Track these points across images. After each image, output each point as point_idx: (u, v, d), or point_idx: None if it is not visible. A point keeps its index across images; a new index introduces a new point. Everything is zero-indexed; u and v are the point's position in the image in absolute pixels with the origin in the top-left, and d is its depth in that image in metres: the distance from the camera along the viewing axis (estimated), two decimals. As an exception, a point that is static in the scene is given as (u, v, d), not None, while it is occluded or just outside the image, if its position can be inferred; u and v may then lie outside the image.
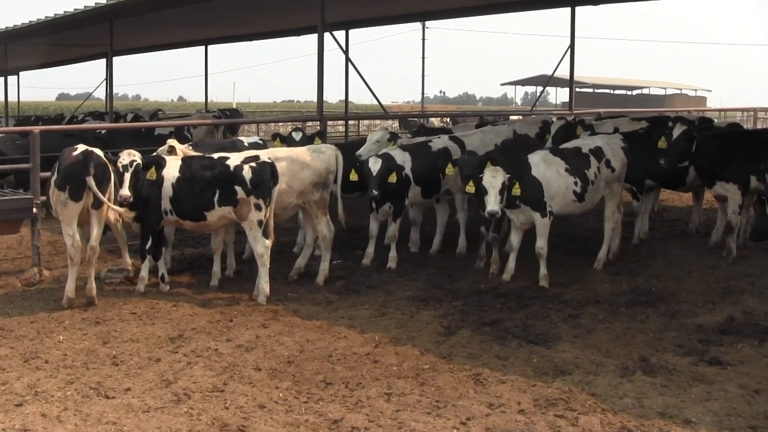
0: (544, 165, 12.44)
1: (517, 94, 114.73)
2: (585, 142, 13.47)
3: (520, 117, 25.32)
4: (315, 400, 7.98)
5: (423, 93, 58.77)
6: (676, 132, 13.41)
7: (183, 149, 13.01)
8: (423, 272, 13.26)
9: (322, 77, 17.95)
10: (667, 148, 13.51)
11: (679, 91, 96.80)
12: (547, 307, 11.15)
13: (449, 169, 13.69)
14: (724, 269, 12.92)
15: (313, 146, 13.30)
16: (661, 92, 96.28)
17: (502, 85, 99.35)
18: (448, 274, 13.09)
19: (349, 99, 29.82)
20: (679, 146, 13.35)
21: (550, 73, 26.17)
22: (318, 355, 9.26)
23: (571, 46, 23.09)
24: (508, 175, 11.88)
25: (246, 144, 15.12)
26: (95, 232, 11.44)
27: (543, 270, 12.34)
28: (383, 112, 28.23)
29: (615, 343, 9.73)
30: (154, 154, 12.77)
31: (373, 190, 12.96)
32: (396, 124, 39.62)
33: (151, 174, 11.55)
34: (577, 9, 22.98)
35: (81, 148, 11.44)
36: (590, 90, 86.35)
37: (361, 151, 14.33)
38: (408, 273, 13.21)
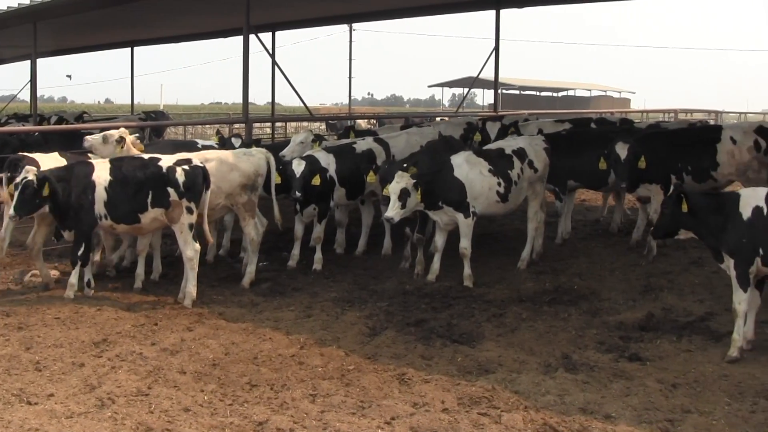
0: (467, 166, 12.55)
1: (445, 95, 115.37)
2: (508, 143, 13.62)
3: (446, 118, 25.45)
4: (240, 403, 7.97)
5: (350, 95, 58.86)
6: (621, 151, 13.46)
7: (132, 140, 12.94)
8: (348, 273, 13.32)
9: (247, 79, 17.90)
10: (621, 170, 13.54)
11: (604, 93, 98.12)
12: (471, 307, 11.27)
13: (371, 177, 13.69)
14: (645, 267, 13.21)
15: (243, 149, 13.25)
16: (587, 94, 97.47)
17: (430, 86, 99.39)
18: (374, 275, 13.17)
19: (278, 101, 29.84)
20: (631, 165, 13.45)
21: (476, 75, 26.35)
22: (243, 357, 9.25)
23: (496, 48, 23.33)
24: (413, 181, 11.92)
25: (200, 146, 14.97)
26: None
27: (467, 270, 12.45)
28: (309, 114, 28.23)
29: (538, 341, 9.89)
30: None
31: (296, 192, 12.94)
32: (323, 125, 39.62)
33: (45, 191, 11.07)
34: (502, 11, 23.21)
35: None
36: (517, 92, 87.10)
37: (284, 152, 14.36)
38: (333, 274, 13.26)
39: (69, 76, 77.30)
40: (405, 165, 12.51)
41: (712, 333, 10.02)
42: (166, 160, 11.64)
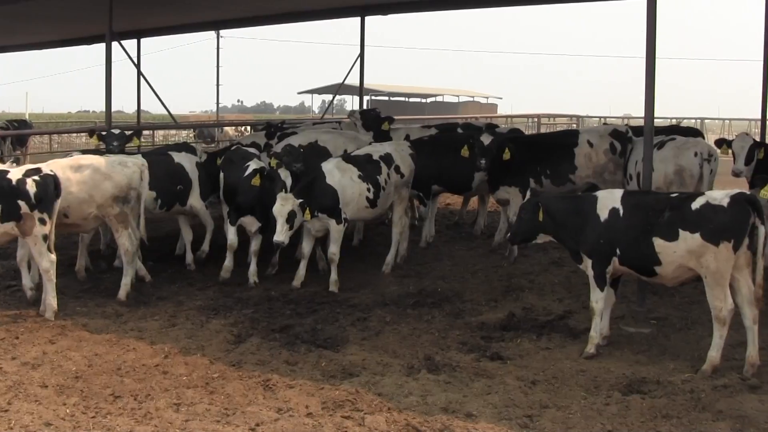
0: (338, 172, 12.62)
1: (315, 102, 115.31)
2: (375, 149, 13.74)
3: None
4: (103, 415, 7.84)
5: (218, 102, 58.42)
6: (486, 140, 13.87)
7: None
8: (214, 281, 13.22)
9: (110, 87, 17.61)
10: (483, 152, 13.88)
11: (471, 99, 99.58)
12: (336, 312, 11.36)
13: (255, 180, 13.05)
14: (507, 268, 13.54)
15: (119, 158, 12.65)
16: (455, 100, 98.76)
17: (300, 93, 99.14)
18: (239, 283, 13.07)
19: (147, 109, 29.51)
20: (494, 156, 13.85)
21: (342, 81, 26.48)
22: (106, 368, 9.10)
23: (361, 55, 23.46)
24: (299, 201, 11.92)
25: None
26: None
27: (334, 275, 12.52)
28: (175, 122, 27.98)
29: (401, 343, 10.02)
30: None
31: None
32: (191, 133, 39.22)
33: None
34: (367, 18, 23.36)
35: None
36: (386, 98, 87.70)
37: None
38: (199, 282, 13.17)
39: None
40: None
41: (571, 330, 10.36)
42: (15, 172, 11.18)
